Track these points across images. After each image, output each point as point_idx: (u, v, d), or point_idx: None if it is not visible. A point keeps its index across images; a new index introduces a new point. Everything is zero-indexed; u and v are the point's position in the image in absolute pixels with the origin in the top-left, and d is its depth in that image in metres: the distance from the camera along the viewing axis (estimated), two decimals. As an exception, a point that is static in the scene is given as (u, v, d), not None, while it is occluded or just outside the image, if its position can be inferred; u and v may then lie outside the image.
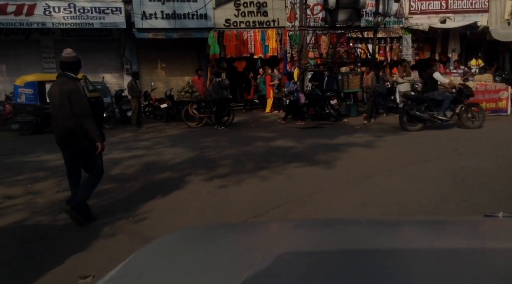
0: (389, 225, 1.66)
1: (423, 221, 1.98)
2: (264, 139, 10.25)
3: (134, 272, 1.22)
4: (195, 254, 1.34)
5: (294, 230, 1.57)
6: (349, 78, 14.41)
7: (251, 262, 1.11)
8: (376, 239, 1.39)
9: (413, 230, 1.58)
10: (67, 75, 4.41)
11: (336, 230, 1.59)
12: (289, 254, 1.22)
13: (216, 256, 1.28)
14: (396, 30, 20.31)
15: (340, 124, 12.89)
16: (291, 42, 18.64)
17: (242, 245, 1.42)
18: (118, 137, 11.32)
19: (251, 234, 1.60)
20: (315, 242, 1.38)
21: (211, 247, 1.40)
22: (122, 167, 7.35)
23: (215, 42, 17.84)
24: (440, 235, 1.44)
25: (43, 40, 17.50)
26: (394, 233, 1.51)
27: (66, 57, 4.43)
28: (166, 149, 9.24)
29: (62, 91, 4.30)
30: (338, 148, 8.46)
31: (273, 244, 1.35)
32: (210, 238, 1.52)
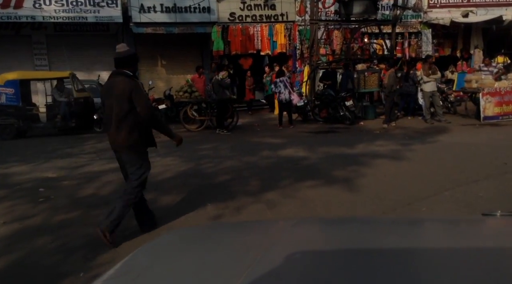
0: (389, 225, 1.66)
1: (422, 220, 2.07)
2: (271, 146, 8.92)
3: (132, 271, 1.21)
4: (194, 253, 1.34)
5: (294, 229, 1.54)
6: (366, 76, 13.02)
7: (250, 261, 1.11)
8: (375, 238, 1.40)
9: (411, 229, 1.57)
10: (124, 73, 4.02)
11: (336, 229, 1.60)
12: (289, 253, 1.21)
13: (215, 255, 1.28)
14: (414, 24, 18.89)
15: (356, 128, 11.52)
16: (301, 37, 17.30)
17: (241, 244, 1.40)
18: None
19: (250, 233, 1.58)
20: (315, 241, 1.41)
21: (210, 246, 1.40)
22: (97, 184, 6.06)
23: (219, 37, 16.55)
24: (439, 234, 1.45)
25: (35, 35, 16.31)
26: (393, 232, 1.48)
27: (119, 53, 4.07)
28: (157, 159, 7.92)
29: (119, 91, 3.90)
30: (359, 160, 7.10)
31: (272, 244, 1.31)
32: (209, 237, 1.53)
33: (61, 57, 16.57)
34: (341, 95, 11.81)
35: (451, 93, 13.41)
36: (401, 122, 11.92)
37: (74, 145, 9.82)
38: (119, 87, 3.91)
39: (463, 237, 1.38)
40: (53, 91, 11.72)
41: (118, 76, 4.02)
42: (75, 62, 16.70)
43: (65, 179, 6.47)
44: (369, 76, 13.06)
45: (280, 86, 11.85)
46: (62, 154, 8.77)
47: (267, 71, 15.74)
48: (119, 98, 3.90)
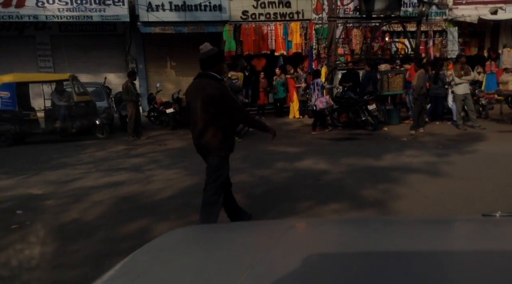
0: (389, 225, 1.65)
1: (421, 220, 2.06)
2: (287, 156, 7.97)
3: (133, 272, 1.20)
4: (194, 254, 1.34)
5: (294, 230, 1.55)
6: (389, 77, 11.97)
7: (250, 262, 1.11)
8: (374, 238, 1.39)
9: (411, 229, 1.56)
10: (210, 75, 3.87)
11: (336, 229, 1.60)
12: (289, 254, 1.22)
13: (216, 255, 1.28)
14: (439, 22, 17.73)
15: (380, 134, 10.49)
16: (317, 36, 16.29)
17: (241, 245, 1.40)
18: (108, 151, 9.21)
19: (250, 234, 1.57)
20: (315, 242, 1.41)
21: (210, 246, 1.40)
22: (85, 205, 5.17)
23: (230, 37, 15.66)
24: (438, 234, 1.44)
25: (39, 36, 15.65)
26: (393, 233, 1.48)
27: (203, 54, 3.88)
28: (160, 171, 7.06)
29: (206, 95, 3.78)
30: (391, 175, 6.11)
31: (272, 244, 1.31)
32: (209, 237, 1.54)
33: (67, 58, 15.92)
34: (364, 99, 10.78)
35: (482, 95, 12.29)
36: (430, 127, 10.84)
37: (71, 154, 8.99)
38: (206, 91, 3.77)
39: (463, 238, 1.40)
40: (52, 94, 10.95)
41: (204, 79, 3.88)
42: (81, 63, 16.05)
43: (51, 197, 5.61)
44: (393, 77, 12.00)
45: (311, 88, 11.05)
46: (56, 164, 7.94)
47: (278, 73, 14.78)
48: (205, 102, 3.76)
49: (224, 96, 3.82)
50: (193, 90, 3.98)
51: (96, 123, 10.87)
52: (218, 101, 3.76)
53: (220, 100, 3.77)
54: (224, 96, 3.82)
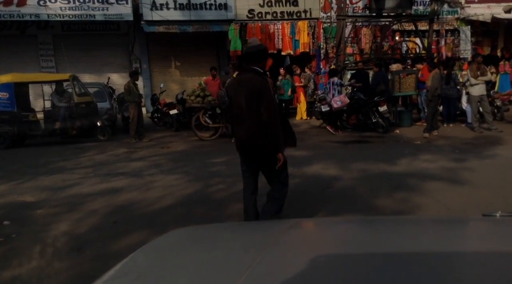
0: (388, 225, 1.64)
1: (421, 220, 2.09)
2: (294, 161, 7.52)
3: (133, 272, 1.20)
4: (194, 253, 1.34)
5: (293, 230, 1.54)
6: (401, 78, 11.52)
7: (251, 261, 1.10)
8: (374, 238, 1.39)
9: (411, 229, 1.55)
10: (255, 70, 3.80)
11: (336, 229, 1.60)
12: (289, 253, 1.23)
13: (215, 255, 1.28)
14: (450, 21, 17.25)
15: (391, 137, 10.05)
16: (325, 35, 15.88)
17: (241, 245, 1.40)
18: (108, 154, 8.85)
19: (251, 233, 1.57)
20: (315, 242, 1.42)
21: (210, 246, 1.40)
22: (78, 216, 4.80)
23: (236, 36, 15.27)
24: (439, 234, 1.43)
25: (41, 35, 15.37)
26: (393, 232, 1.47)
27: (250, 47, 3.90)
28: (160, 176, 6.68)
29: (249, 89, 3.72)
30: (407, 183, 5.69)
31: (272, 244, 1.31)
32: (209, 237, 1.53)
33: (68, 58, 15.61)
34: (375, 100, 10.34)
35: (498, 96, 11.80)
36: (443, 130, 10.38)
37: (70, 157, 8.65)
38: (250, 85, 3.71)
39: (463, 238, 1.39)
40: (52, 95, 10.62)
41: (248, 73, 3.81)
42: (84, 63, 15.76)
43: (43, 206, 5.24)
44: (404, 77, 11.56)
45: (327, 88, 10.64)
46: (53, 168, 7.59)
47: (282, 73, 14.35)
48: (250, 96, 3.68)
49: (263, 89, 3.70)
50: (235, 84, 3.92)
51: (97, 124, 10.52)
52: (258, 94, 3.66)
53: (259, 93, 3.66)
54: (263, 90, 3.70)
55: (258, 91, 3.66)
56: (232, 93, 3.86)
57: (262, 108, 3.66)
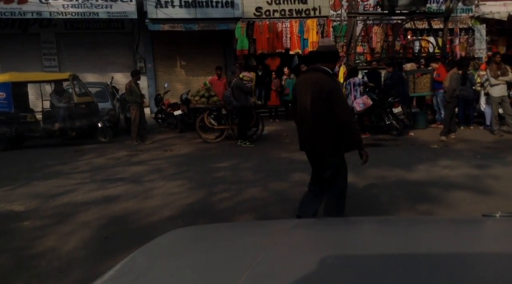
0: (389, 225, 1.64)
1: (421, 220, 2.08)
2: (304, 166, 7.02)
3: (132, 272, 1.19)
4: (194, 253, 1.34)
5: (294, 230, 1.53)
6: (415, 78, 11.00)
7: (251, 261, 1.10)
8: (374, 239, 1.41)
9: (411, 229, 1.54)
10: (323, 69, 3.67)
11: (336, 229, 1.60)
12: (289, 253, 1.23)
13: (215, 255, 1.27)
14: (464, 19, 16.67)
15: (406, 140, 9.54)
16: (335, 34, 15.35)
17: (241, 245, 1.39)
18: (107, 158, 8.43)
19: (251, 234, 1.56)
20: (315, 241, 1.41)
21: (210, 246, 1.39)
22: (68, 227, 4.36)
23: (243, 35, 14.81)
24: (438, 234, 1.43)
25: (43, 34, 15.01)
26: (393, 233, 1.46)
27: (325, 47, 3.75)
28: (161, 183, 6.23)
29: (316, 90, 3.59)
30: (429, 192, 5.20)
31: (273, 244, 1.30)
32: (209, 237, 1.52)
33: (72, 57, 15.25)
34: (390, 101, 9.83)
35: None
36: (461, 133, 9.85)
37: (67, 160, 8.24)
38: (318, 85, 3.60)
39: (463, 238, 1.36)
40: (51, 95, 10.22)
41: (316, 73, 3.70)
42: (87, 62, 15.40)
43: (31, 216, 4.82)
44: (419, 77, 11.03)
45: (348, 88, 10.07)
46: (48, 173, 7.18)
47: (287, 72, 13.87)
48: (317, 97, 3.59)
49: (333, 90, 3.58)
50: (302, 83, 3.80)
51: (98, 126, 10.11)
52: (328, 95, 3.53)
53: (329, 94, 3.53)
54: (334, 91, 3.59)
55: (328, 92, 3.54)
56: (297, 92, 3.81)
57: (337, 109, 3.53)
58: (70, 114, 9.75)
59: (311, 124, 3.66)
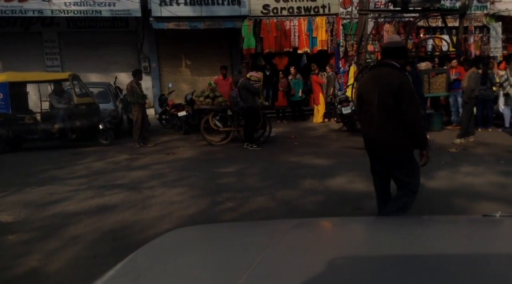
0: (389, 225, 1.63)
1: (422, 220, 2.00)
2: (315, 171, 6.64)
3: (133, 271, 1.20)
4: (194, 254, 1.34)
5: (294, 230, 1.51)
6: (430, 77, 10.50)
7: (250, 262, 1.10)
8: (374, 239, 1.41)
9: (412, 229, 1.53)
10: (391, 64, 3.48)
11: (336, 229, 1.62)
12: (289, 253, 1.23)
13: (216, 255, 1.28)
14: (479, 17, 16.11)
15: (421, 143, 9.04)
16: (345, 32, 14.87)
17: (241, 245, 1.38)
18: (107, 162, 8.04)
19: (251, 233, 1.55)
20: (315, 241, 1.41)
21: (210, 246, 1.40)
22: (56, 243, 3.94)
23: (250, 33, 14.38)
24: (439, 234, 1.44)
25: (46, 33, 14.68)
26: (394, 233, 1.46)
27: (393, 42, 3.66)
28: (161, 190, 5.82)
29: (385, 84, 3.41)
30: (453, 203, 4.74)
31: (273, 244, 1.29)
32: (209, 237, 1.54)
33: (74, 56, 14.94)
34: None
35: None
36: (479, 136, 9.32)
37: (65, 165, 7.85)
38: (387, 80, 3.43)
39: (463, 238, 1.35)
40: (50, 96, 9.85)
41: (384, 67, 3.56)
42: (91, 62, 15.06)
43: (18, 229, 4.42)
44: (434, 77, 10.53)
45: None
46: (43, 178, 6.79)
47: (293, 72, 13.40)
48: (385, 93, 3.42)
49: (403, 85, 3.36)
50: (369, 79, 3.69)
51: (100, 127, 9.73)
52: (397, 89, 3.35)
53: (399, 88, 3.34)
54: (404, 86, 3.36)
55: (397, 87, 3.35)
56: (363, 89, 3.70)
57: (404, 105, 3.33)
58: (70, 115, 9.38)
59: (378, 122, 3.48)
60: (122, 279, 1.14)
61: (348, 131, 11.01)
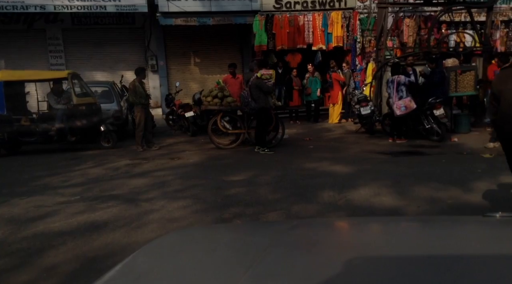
0: (389, 225, 1.62)
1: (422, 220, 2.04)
2: (333, 180, 5.91)
3: (133, 272, 1.20)
4: (194, 254, 1.34)
5: (294, 231, 1.52)
6: (457, 75, 9.67)
7: (251, 262, 1.10)
8: (374, 239, 1.40)
9: (412, 229, 1.55)
10: None
11: (336, 230, 1.62)
12: (289, 254, 1.23)
13: (216, 256, 1.28)
14: (504, 11, 15.21)
15: (449, 147, 8.26)
16: (362, 27, 14.08)
17: (242, 245, 1.39)
18: (106, 168, 7.40)
19: (251, 234, 1.54)
20: (315, 242, 1.39)
21: (211, 247, 1.39)
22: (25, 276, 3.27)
23: (261, 29, 13.70)
24: (438, 235, 1.41)
25: (50, 30, 14.14)
26: (394, 233, 1.47)
27: None
28: (161, 203, 5.14)
29: None
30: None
31: (273, 244, 1.29)
32: (210, 238, 1.52)
33: (79, 54, 14.39)
34: (431, 102, 8.54)
35: None
36: None
37: (60, 171, 7.24)
38: None
39: (463, 238, 1.35)
40: (48, 96, 9.25)
41: None
42: (96, 60, 14.51)
43: (-10, 253, 3.77)
44: (461, 75, 9.70)
45: (390, 87, 8.77)
46: (34, 187, 6.18)
47: (310, 70, 12.62)
48: None
49: None
50: (505, 77, 3.76)
51: (101, 129, 9.11)
52: None
53: None
54: None
55: None
56: (502, 87, 3.70)
57: None
58: (69, 116, 8.77)
59: None
60: (123, 279, 1.14)
61: (366, 133, 10.24)
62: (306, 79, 12.69)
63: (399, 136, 8.89)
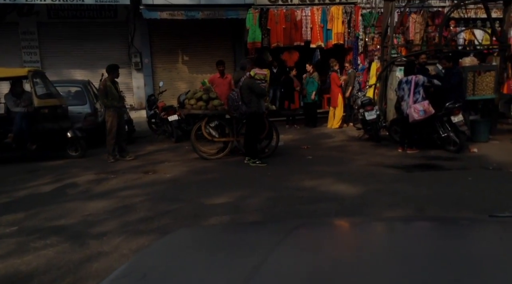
0: (394, 226, 1.62)
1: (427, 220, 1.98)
2: (339, 206, 4.74)
3: (138, 272, 1.18)
4: (199, 254, 1.32)
5: (297, 231, 1.50)
6: (476, 76, 8.53)
7: (255, 263, 1.09)
8: (379, 239, 1.39)
9: (416, 230, 1.52)
10: None
11: (340, 230, 1.61)
12: (293, 254, 1.22)
13: (219, 256, 1.27)
14: (518, 7, 14.05)
15: (470, 159, 7.08)
16: (364, 24, 12.92)
17: (245, 245, 1.38)
18: (64, 183, 6.20)
19: (256, 234, 1.54)
20: (320, 242, 1.39)
21: (215, 247, 1.39)
22: None
23: (255, 25, 12.53)
24: (444, 235, 1.41)
25: (23, 23, 12.89)
26: (398, 233, 1.46)
27: None
28: (116, 241, 3.95)
29: None
30: None
31: (277, 245, 1.27)
32: (213, 238, 1.53)
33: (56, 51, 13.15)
34: (448, 107, 7.38)
35: None
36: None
37: (7, 188, 5.98)
38: None
39: (469, 238, 1.33)
40: (5, 97, 8.00)
41: None
42: (75, 57, 13.29)
43: None
44: (480, 75, 8.55)
45: (404, 89, 7.54)
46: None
47: (309, 69, 11.44)
48: None
49: None
50: None
51: (68, 136, 7.90)
52: None
53: None
54: None
55: None
56: None
57: None
58: (29, 120, 7.54)
59: None
60: (128, 279, 1.12)
61: (370, 140, 9.08)
62: (303, 79, 11.56)
63: (410, 146, 7.72)
